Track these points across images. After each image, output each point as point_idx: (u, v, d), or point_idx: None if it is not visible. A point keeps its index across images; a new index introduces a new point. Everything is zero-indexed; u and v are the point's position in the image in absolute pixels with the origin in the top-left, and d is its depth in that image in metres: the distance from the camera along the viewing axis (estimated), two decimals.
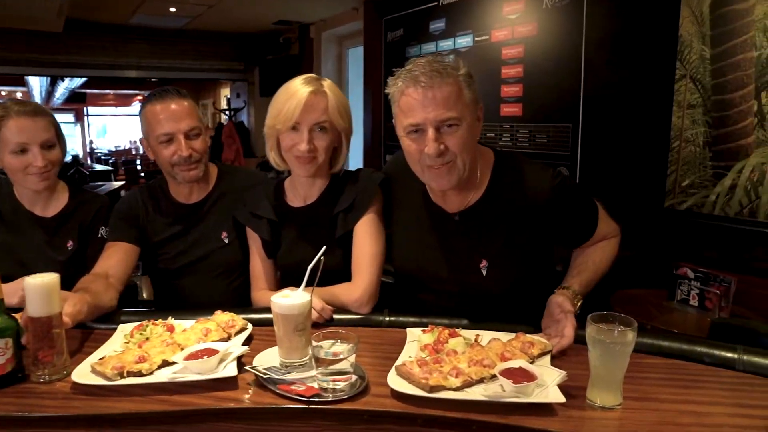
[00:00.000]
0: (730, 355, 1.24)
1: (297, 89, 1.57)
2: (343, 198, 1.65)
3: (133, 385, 1.13)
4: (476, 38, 4.55)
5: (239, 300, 1.83)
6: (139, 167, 12.66)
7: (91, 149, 18.90)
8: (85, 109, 18.91)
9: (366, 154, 6.17)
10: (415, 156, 1.44)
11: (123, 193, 6.43)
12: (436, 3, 5.00)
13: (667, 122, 3.25)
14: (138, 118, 1.84)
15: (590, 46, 3.68)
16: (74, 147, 17.80)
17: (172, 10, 6.71)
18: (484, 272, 1.51)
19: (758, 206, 2.90)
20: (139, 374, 1.16)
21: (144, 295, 2.29)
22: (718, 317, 2.57)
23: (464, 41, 4.66)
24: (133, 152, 17.88)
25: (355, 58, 7.05)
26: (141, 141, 1.86)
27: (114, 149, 19.06)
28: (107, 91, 18.03)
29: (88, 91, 16.32)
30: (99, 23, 7.42)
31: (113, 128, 20.70)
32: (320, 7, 6.57)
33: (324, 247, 1.30)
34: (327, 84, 1.61)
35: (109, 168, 12.36)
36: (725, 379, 1.19)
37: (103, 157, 17.13)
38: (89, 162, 15.88)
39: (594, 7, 3.65)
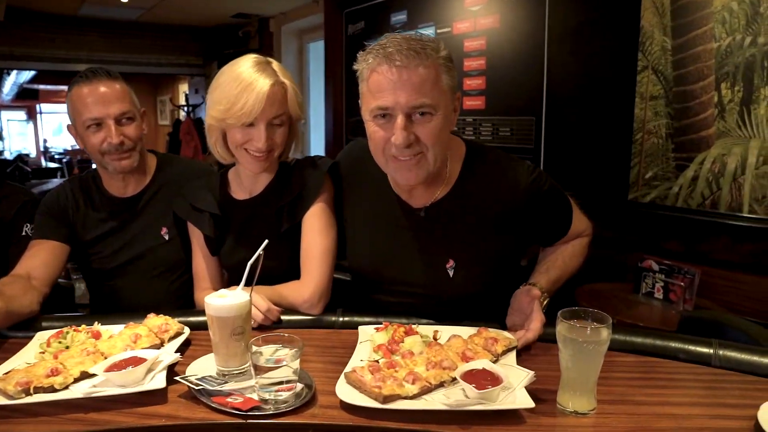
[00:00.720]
0: (705, 350, 1.17)
1: (252, 80, 1.38)
2: (289, 189, 1.51)
3: (41, 403, 0.98)
4: (438, 30, 4.48)
5: (183, 302, 1.68)
6: (94, 166, 12.17)
7: (45, 148, 18.14)
8: (38, 106, 18.14)
9: (327, 150, 6.03)
10: (380, 144, 1.27)
11: None
12: None
13: (630, 114, 3.23)
14: None
15: (553, 38, 3.65)
16: (26, 146, 17.06)
17: (124, 0, 6.42)
18: (451, 273, 1.37)
19: (719, 198, 2.89)
20: (51, 390, 1.00)
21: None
22: (685, 310, 2.54)
23: (426, 33, 4.57)
24: None
25: (316, 52, 6.93)
26: (69, 128, 1.68)
27: (70, 148, 18.35)
28: (61, 87, 17.33)
29: (40, 87, 15.63)
30: (46, 13, 7.05)
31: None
32: (280, 0, 6.38)
33: (266, 241, 1.16)
34: (279, 70, 1.45)
35: (58, 166, 11.81)
36: (702, 376, 1.11)
37: (57, 156, 16.46)
38: (43, 161, 15.24)
39: None
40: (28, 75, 11.86)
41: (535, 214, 1.38)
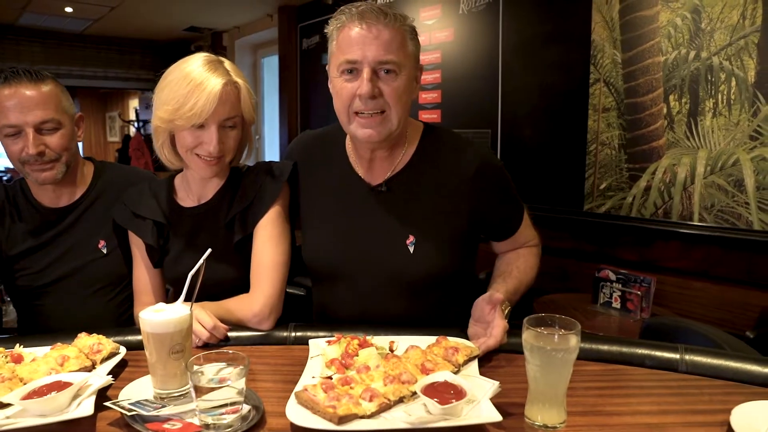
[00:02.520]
0: (671, 356, 1.13)
1: (203, 79, 1.30)
2: (240, 197, 1.42)
3: None
4: None
5: (126, 320, 1.56)
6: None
7: None
8: None
9: None
10: (346, 100, 1.30)
11: None
12: None
13: (584, 126, 3.28)
14: None
15: (507, 52, 3.70)
16: None
17: (69, 10, 6.18)
18: (411, 249, 1.35)
19: (671, 207, 2.95)
20: None
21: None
22: (642, 318, 2.55)
23: None
24: None
25: (270, 66, 6.85)
26: None
27: (12, 167, 17.48)
28: None
29: None
30: None
31: None
32: (233, 14, 6.30)
33: (208, 250, 1.07)
34: (232, 69, 1.38)
35: None
36: (670, 382, 1.07)
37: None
38: None
39: (509, 13, 3.67)
40: None
41: (486, 191, 1.39)
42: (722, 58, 2.70)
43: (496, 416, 0.87)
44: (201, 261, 1.04)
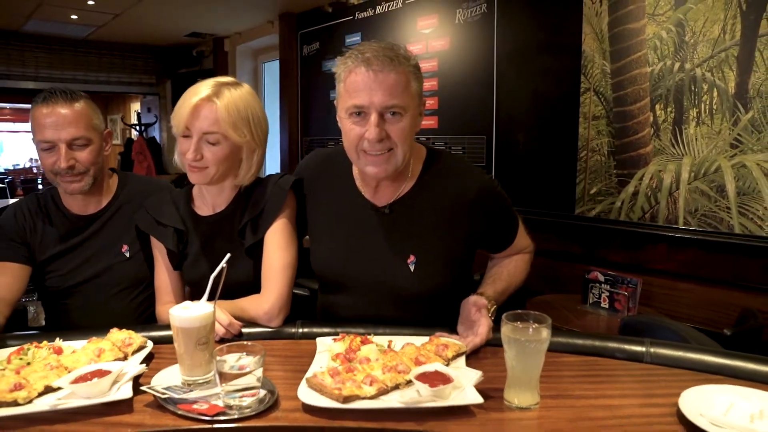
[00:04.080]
0: (638, 348, 1.27)
1: (195, 92, 1.46)
2: (251, 206, 1.56)
3: (5, 417, 0.99)
4: None
5: (146, 318, 1.70)
6: (40, 186, 11.77)
7: None
8: None
9: (282, 169, 6.06)
10: (354, 140, 1.39)
11: None
12: (351, 17, 5.02)
13: (575, 133, 3.41)
14: None
15: (502, 61, 3.82)
16: None
17: (74, 17, 6.31)
18: (412, 268, 1.46)
19: (658, 211, 3.08)
20: (15, 404, 1.02)
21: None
22: (628, 316, 2.68)
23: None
24: (34, 171, 16.61)
25: (271, 71, 6.95)
26: (33, 141, 1.68)
27: (12, 167, 17.61)
28: (2, 104, 16.70)
29: None
30: None
31: (10, 145, 19.17)
32: (234, 20, 6.42)
33: (228, 254, 1.21)
34: (230, 92, 1.47)
35: (2, 186, 11.37)
36: (635, 372, 1.21)
37: None
38: None
39: (504, 23, 3.79)
40: None
41: (485, 215, 1.49)
42: (705, 69, 2.84)
43: (479, 399, 1.02)
44: (222, 263, 1.18)
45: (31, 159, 17.82)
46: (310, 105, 5.70)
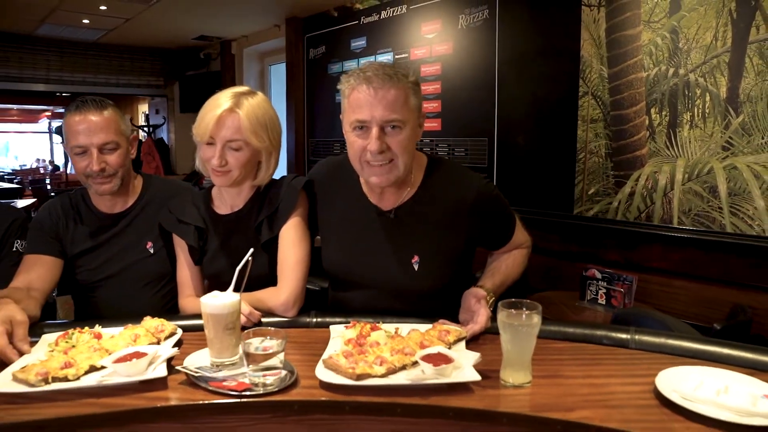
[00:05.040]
0: (624, 336, 1.40)
1: (217, 104, 1.58)
2: (267, 205, 1.68)
3: (59, 390, 1.12)
4: (396, 56, 4.71)
5: (169, 310, 1.82)
6: (49, 187, 11.92)
7: None
8: None
9: (289, 169, 6.18)
10: (358, 152, 1.50)
11: (34, 212, 6.03)
12: (357, 21, 5.13)
13: (573, 135, 3.50)
14: (45, 135, 1.80)
15: (503, 65, 3.91)
16: None
17: (86, 21, 6.46)
18: (416, 267, 1.57)
19: (653, 211, 3.18)
20: (65, 380, 1.15)
21: (61, 314, 2.21)
22: (619, 309, 2.79)
23: (384, 59, 4.80)
24: (41, 171, 16.81)
25: (278, 74, 7.04)
26: (64, 146, 1.83)
27: (19, 168, 17.82)
28: (10, 105, 16.89)
29: None
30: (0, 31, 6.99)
31: (17, 146, 19.39)
32: (241, 24, 6.54)
33: (252, 249, 1.34)
34: (248, 102, 1.60)
35: (17, 186, 11.55)
36: (620, 356, 1.33)
37: (6, 177, 15.95)
38: None
39: (505, 28, 3.88)
40: None
41: (483, 217, 1.60)
42: (698, 75, 2.94)
43: (477, 377, 1.15)
44: (247, 256, 1.32)
45: (38, 159, 18.02)
46: (316, 107, 5.80)
